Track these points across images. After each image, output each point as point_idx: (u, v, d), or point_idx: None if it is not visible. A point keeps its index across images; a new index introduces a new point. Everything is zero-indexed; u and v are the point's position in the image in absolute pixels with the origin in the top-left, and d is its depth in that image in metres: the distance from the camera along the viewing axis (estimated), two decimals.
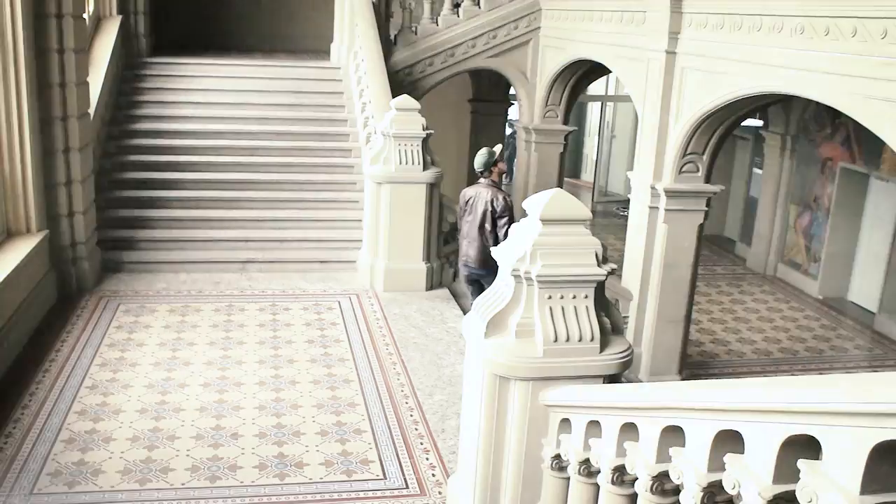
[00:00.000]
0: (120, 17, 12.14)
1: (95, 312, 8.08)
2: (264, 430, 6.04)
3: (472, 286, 8.02)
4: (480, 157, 7.71)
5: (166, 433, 5.92)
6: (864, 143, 12.43)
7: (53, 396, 6.37)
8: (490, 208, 7.47)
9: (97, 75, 10.24)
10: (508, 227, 7.09)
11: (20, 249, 7.52)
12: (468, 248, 7.74)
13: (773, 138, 14.32)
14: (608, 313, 4.34)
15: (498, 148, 7.78)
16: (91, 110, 9.15)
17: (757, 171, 15.65)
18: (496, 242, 7.25)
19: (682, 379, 9.25)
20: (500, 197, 7.51)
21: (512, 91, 14.37)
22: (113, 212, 9.69)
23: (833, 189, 13.26)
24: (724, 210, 16.46)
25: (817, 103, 6.93)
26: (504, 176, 7.82)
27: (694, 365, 10.46)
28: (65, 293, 8.40)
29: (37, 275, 7.82)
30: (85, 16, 8.99)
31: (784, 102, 12.77)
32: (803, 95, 6.85)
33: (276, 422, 6.17)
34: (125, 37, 12.17)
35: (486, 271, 7.50)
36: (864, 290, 13.06)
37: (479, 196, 7.54)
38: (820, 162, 13.60)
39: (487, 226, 7.60)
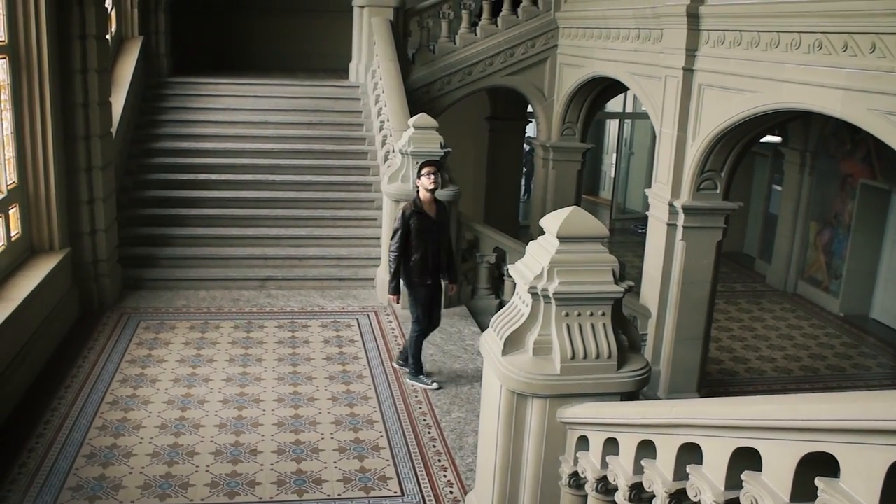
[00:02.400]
0: (142, 37, 12.36)
1: (116, 329, 8.17)
2: (283, 446, 6.08)
3: None
4: None
5: (186, 449, 5.97)
6: (884, 159, 12.34)
7: (75, 412, 6.45)
8: None
9: (119, 95, 10.41)
10: (393, 245, 7.02)
11: (44, 266, 7.63)
12: None
13: (792, 155, 14.24)
14: (626, 331, 4.35)
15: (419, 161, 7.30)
16: (113, 129, 9.31)
17: (776, 187, 15.56)
18: None
19: (702, 397, 9.17)
20: (399, 211, 7.19)
21: (529, 109, 14.40)
22: (134, 229, 9.81)
23: (853, 205, 13.16)
24: (744, 227, 16.36)
25: (837, 119, 6.88)
26: (419, 191, 7.13)
27: (713, 383, 10.37)
28: (86, 310, 8.51)
29: (59, 291, 7.92)
30: (108, 37, 9.13)
31: (803, 119, 12.72)
32: (821, 111, 6.81)
33: (295, 438, 6.20)
34: (147, 57, 12.38)
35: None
36: (887, 307, 12.92)
37: None
38: (840, 178, 13.51)
39: None
